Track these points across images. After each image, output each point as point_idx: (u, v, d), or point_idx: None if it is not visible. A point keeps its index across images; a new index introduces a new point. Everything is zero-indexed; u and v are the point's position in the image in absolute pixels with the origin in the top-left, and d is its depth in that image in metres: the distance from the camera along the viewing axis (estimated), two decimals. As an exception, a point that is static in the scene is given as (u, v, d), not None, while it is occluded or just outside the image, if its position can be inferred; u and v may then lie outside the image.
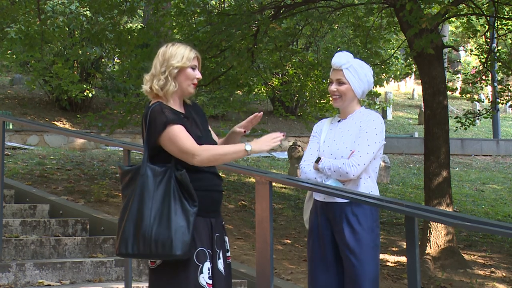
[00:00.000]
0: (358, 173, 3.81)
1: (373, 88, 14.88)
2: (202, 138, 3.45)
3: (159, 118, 3.35)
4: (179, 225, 3.22)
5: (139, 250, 3.25)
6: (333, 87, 3.99)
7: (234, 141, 3.62)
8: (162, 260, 3.32)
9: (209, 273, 3.32)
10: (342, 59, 3.96)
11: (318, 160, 3.93)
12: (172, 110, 3.42)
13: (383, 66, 12.91)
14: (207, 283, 3.31)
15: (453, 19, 13.23)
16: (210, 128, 3.65)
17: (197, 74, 3.50)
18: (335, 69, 3.99)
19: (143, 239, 3.24)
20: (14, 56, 13.39)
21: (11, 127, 15.79)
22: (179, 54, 3.46)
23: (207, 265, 3.33)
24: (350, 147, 3.88)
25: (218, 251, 3.43)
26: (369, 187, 3.89)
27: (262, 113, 3.64)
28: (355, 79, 3.95)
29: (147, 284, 5.60)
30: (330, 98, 14.32)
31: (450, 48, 10.02)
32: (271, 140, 3.40)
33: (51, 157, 12.63)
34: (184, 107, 3.55)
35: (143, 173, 3.30)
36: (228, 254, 3.54)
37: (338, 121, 4.06)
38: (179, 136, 3.33)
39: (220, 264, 3.42)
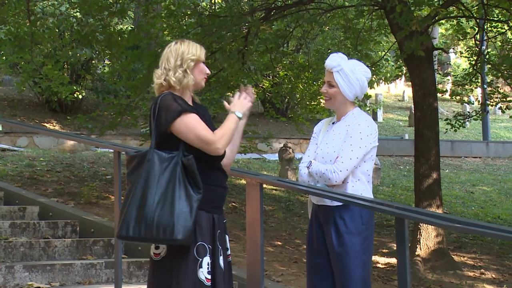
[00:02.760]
0: (340, 179, 3.79)
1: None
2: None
3: (173, 105, 3.41)
4: (182, 210, 3.25)
5: (141, 234, 3.27)
6: (324, 89, 3.99)
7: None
8: (165, 253, 3.35)
9: (208, 268, 3.34)
10: (334, 62, 3.92)
11: (309, 164, 3.92)
12: (184, 101, 3.49)
13: (373, 68, 12.92)
14: (205, 277, 3.33)
15: (443, 21, 13.27)
16: None
17: (207, 69, 3.64)
18: (327, 71, 3.97)
19: (145, 223, 3.26)
20: (4, 58, 13.34)
21: (0, 128, 15.72)
22: (193, 48, 3.56)
23: (207, 260, 3.35)
24: (338, 151, 3.86)
25: (220, 247, 3.44)
26: (358, 190, 3.85)
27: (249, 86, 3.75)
28: (345, 83, 3.90)
29: (136, 287, 5.60)
30: (322, 100, 14.31)
31: (440, 50, 10.04)
32: (244, 100, 3.63)
33: (41, 158, 12.58)
34: (192, 103, 3.62)
35: (149, 159, 3.34)
36: (228, 252, 3.56)
37: (333, 123, 4.04)
38: (197, 125, 3.40)
39: (221, 261, 3.43)
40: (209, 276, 3.34)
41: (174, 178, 3.29)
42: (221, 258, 3.43)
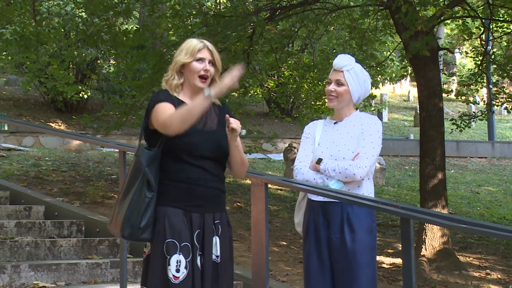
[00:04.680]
0: (364, 174, 3.82)
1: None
2: (201, 131, 3.43)
3: (152, 98, 3.44)
4: (133, 206, 3.34)
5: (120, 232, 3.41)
6: (331, 87, 3.97)
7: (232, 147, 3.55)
8: (149, 251, 3.42)
9: (177, 266, 3.34)
10: (345, 61, 3.96)
11: (319, 161, 3.91)
12: (173, 97, 3.45)
13: (378, 68, 12.93)
14: (173, 275, 3.33)
15: (448, 21, 13.24)
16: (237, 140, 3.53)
17: (206, 66, 3.45)
18: (336, 70, 3.98)
19: (115, 221, 3.43)
20: (9, 58, 13.37)
21: (6, 128, 15.77)
22: (185, 49, 3.50)
23: (176, 257, 3.33)
24: (353, 149, 3.86)
25: (198, 246, 3.40)
26: (369, 188, 3.91)
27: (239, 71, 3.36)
28: (355, 82, 3.94)
29: (142, 286, 5.60)
30: (326, 99, 14.29)
31: (445, 51, 10.02)
32: (229, 81, 3.28)
33: (47, 158, 12.61)
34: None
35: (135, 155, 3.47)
36: (217, 254, 3.46)
37: (335, 123, 4.05)
38: (160, 110, 3.37)
39: (199, 261, 3.39)
40: (177, 274, 3.33)
41: (136, 176, 3.38)
42: (198, 258, 3.39)
